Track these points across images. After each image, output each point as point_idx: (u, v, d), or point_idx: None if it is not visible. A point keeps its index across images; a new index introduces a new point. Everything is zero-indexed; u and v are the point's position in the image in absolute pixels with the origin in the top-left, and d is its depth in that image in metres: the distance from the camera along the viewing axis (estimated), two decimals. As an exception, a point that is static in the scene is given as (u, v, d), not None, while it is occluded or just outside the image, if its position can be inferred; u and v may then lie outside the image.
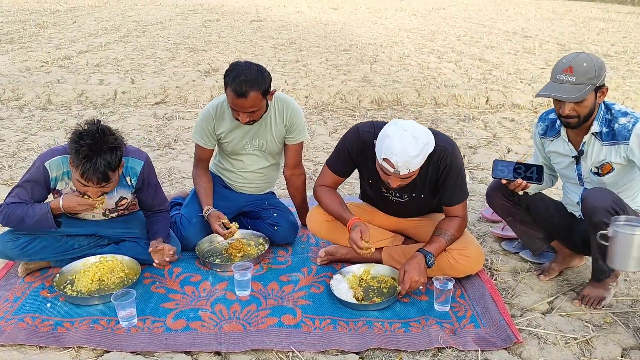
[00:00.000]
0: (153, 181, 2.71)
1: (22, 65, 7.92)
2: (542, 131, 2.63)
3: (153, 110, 5.98)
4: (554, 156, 2.63)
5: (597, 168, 2.44)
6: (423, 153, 2.32)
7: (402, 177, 2.36)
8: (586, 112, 2.35)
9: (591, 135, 2.41)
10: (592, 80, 2.27)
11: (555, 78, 2.34)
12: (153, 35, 11.41)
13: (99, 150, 2.29)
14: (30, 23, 12.88)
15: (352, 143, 2.63)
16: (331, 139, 5.08)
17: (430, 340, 2.24)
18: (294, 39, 11.21)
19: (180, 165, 4.35)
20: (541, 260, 2.91)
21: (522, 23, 14.76)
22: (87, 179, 2.31)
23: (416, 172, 2.39)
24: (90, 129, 2.32)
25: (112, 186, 2.46)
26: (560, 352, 2.21)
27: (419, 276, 2.44)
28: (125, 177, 2.61)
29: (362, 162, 2.66)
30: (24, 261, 2.68)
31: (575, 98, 2.28)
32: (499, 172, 2.51)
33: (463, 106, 6.30)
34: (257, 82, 2.64)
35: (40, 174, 2.49)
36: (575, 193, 2.61)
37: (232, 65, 2.70)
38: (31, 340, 2.23)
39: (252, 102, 2.66)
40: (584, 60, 2.28)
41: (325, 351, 2.20)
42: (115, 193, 2.64)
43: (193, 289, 2.63)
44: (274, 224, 3.03)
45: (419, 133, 2.30)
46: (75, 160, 2.29)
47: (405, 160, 2.27)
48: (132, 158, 2.61)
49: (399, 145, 2.26)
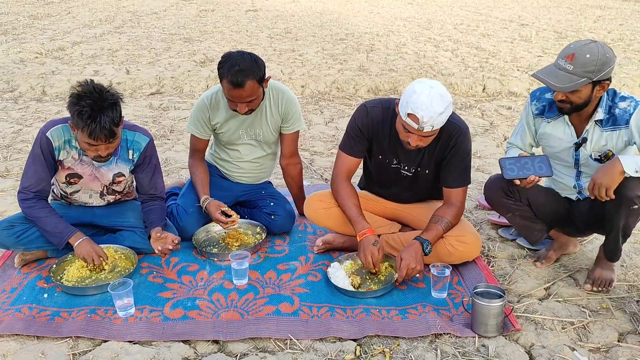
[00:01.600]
0: (154, 161, 2.73)
1: (17, 56, 7.87)
2: (538, 111, 2.57)
3: (148, 100, 5.96)
4: (547, 138, 2.57)
5: (599, 155, 2.42)
6: (447, 111, 2.33)
7: (424, 134, 2.36)
8: (579, 102, 2.32)
9: (593, 122, 2.39)
10: (589, 74, 2.22)
11: (557, 61, 2.31)
12: (148, 26, 11.34)
13: (101, 108, 2.30)
14: (24, 14, 12.78)
15: (362, 119, 2.64)
16: (328, 129, 5.06)
17: (428, 326, 2.24)
18: (290, 29, 11.15)
19: (176, 155, 4.34)
20: (538, 247, 2.91)
21: (518, 11, 14.71)
22: (95, 138, 2.33)
23: (437, 131, 2.39)
24: (87, 89, 2.33)
25: (117, 143, 2.47)
26: (557, 337, 2.22)
27: (416, 264, 2.44)
28: (129, 149, 2.63)
29: (373, 136, 2.66)
30: (20, 250, 2.67)
31: (563, 88, 2.25)
32: (509, 171, 2.43)
33: (460, 94, 6.29)
34: (253, 71, 2.62)
35: (44, 145, 2.50)
36: (568, 176, 2.59)
37: (224, 56, 2.68)
38: (28, 330, 2.23)
39: (249, 92, 2.64)
40: (590, 52, 2.21)
41: (323, 338, 2.20)
42: (114, 165, 2.64)
43: (190, 278, 2.63)
44: (271, 213, 3.03)
45: (445, 92, 2.34)
46: (80, 122, 2.30)
47: (431, 116, 2.28)
48: (138, 133, 2.65)
49: (427, 100, 2.27)
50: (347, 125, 2.72)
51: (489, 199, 2.73)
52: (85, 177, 2.64)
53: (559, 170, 2.62)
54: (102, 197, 2.77)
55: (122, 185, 2.76)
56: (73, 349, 2.15)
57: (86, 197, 2.74)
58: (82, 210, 2.80)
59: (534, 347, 2.16)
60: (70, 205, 2.79)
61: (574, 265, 2.76)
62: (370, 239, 2.56)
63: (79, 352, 2.13)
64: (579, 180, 2.56)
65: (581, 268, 2.73)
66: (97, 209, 2.82)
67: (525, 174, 2.41)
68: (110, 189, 2.74)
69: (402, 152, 2.63)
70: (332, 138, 4.77)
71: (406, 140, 2.43)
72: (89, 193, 2.73)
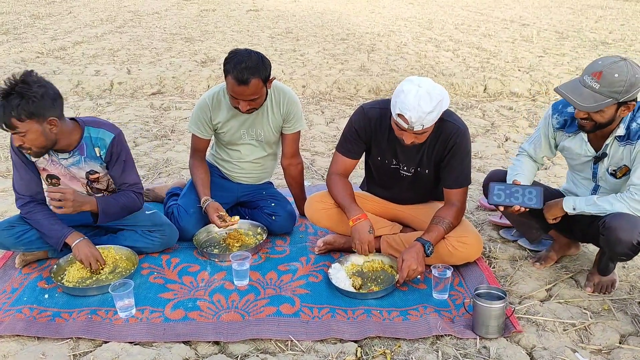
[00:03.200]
0: (123, 157, 2.64)
1: (18, 56, 7.86)
2: (559, 125, 2.51)
3: (149, 100, 5.95)
4: (567, 152, 2.53)
5: (614, 170, 2.39)
6: (437, 110, 2.32)
7: (416, 132, 2.36)
8: (603, 122, 2.25)
9: (614, 137, 2.33)
10: (616, 95, 2.14)
11: (582, 77, 2.22)
12: (149, 26, 11.33)
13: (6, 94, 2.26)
14: (25, 14, 12.78)
15: (359, 121, 2.64)
16: (329, 129, 5.06)
17: (429, 328, 2.24)
18: (291, 28, 11.14)
19: (177, 155, 4.34)
20: (539, 248, 2.91)
21: (519, 11, 14.69)
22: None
23: (430, 128, 2.39)
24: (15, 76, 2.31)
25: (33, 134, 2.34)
26: (558, 338, 2.21)
27: (417, 265, 2.43)
28: (94, 147, 2.59)
29: (371, 138, 2.67)
30: (20, 250, 2.67)
31: (587, 108, 2.18)
32: (495, 197, 2.43)
33: (461, 95, 6.29)
34: (259, 69, 2.62)
35: (15, 148, 2.50)
36: (585, 188, 2.55)
37: (231, 52, 2.68)
38: (29, 331, 2.22)
39: (253, 90, 2.64)
40: (619, 71, 2.12)
41: (324, 340, 2.20)
42: (83, 164, 2.61)
43: (191, 279, 2.63)
44: (271, 213, 3.03)
45: (434, 90, 2.31)
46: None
47: (419, 117, 2.28)
48: (102, 130, 2.59)
49: (414, 101, 2.27)
50: (345, 127, 2.72)
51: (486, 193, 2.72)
52: (62, 177, 2.63)
53: (579, 181, 2.60)
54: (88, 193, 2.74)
55: (104, 183, 2.72)
56: (74, 349, 2.15)
57: None
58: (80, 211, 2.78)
59: (535, 349, 2.15)
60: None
61: (575, 267, 2.76)
62: (364, 224, 2.56)
63: (79, 352, 2.13)
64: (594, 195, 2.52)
65: (582, 269, 2.72)
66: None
67: (511, 202, 2.40)
68: (94, 188, 2.71)
69: (401, 153, 2.63)
70: (333, 138, 4.77)
71: (401, 138, 2.44)
72: None
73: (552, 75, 6.84)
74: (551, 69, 7.26)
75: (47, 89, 2.34)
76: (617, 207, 2.28)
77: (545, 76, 6.80)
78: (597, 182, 2.49)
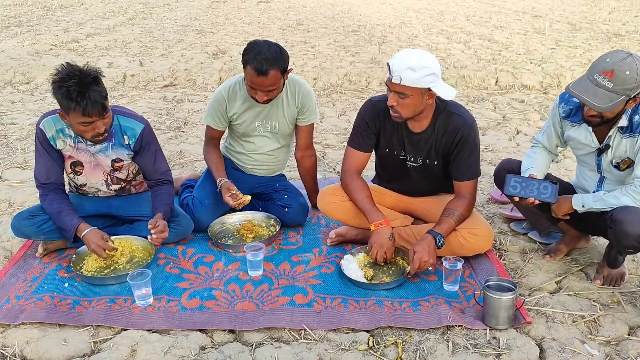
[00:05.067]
0: (154, 147, 2.75)
1: (32, 48, 7.95)
2: (565, 114, 2.53)
3: (162, 93, 6.01)
4: (573, 142, 2.56)
5: (617, 162, 2.41)
6: (421, 73, 2.34)
7: (396, 89, 2.39)
8: (611, 117, 2.28)
9: (617, 128, 2.35)
10: (628, 92, 2.17)
11: (592, 76, 2.22)
12: (160, 17, 11.39)
13: (86, 84, 2.34)
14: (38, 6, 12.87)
15: (368, 113, 2.69)
16: (340, 121, 5.09)
17: (440, 318, 2.28)
18: (302, 20, 11.15)
19: (190, 147, 4.39)
20: (549, 241, 2.93)
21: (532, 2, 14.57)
22: (89, 114, 2.37)
23: (410, 92, 2.38)
24: (67, 71, 2.38)
25: (110, 117, 2.50)
26: (567, 330, 2.24)
27: (429, 257, 2.47)
28: (123, 135, 2.65)
29: (380, 129, 2.70)
30: (41, 239, 2.74)
31: (604, 108, 2.20)
32: (511, 188, 2.46)
33: (472, 87, 6.28)
34: (278, 61, 2.66)
35: (41, 136, 2.58)
36: (591, 180, 2.57)
37: (250, 43, 2.71)
38: (50, 318, 2.29)
39: (272, 81, 2.68)
40: (629, 67, 2.14)
41: (336, 329, 2.25)
42: (110, 151, 2.67)
43: (207, 269, 2.68)
44: (284, 205, 3.07)
45: (428, 57, 2.38)
46: (70, 103, 2.34)
47: (400, 67, 2.33)
48: (132, 119, 2.67)
49: (404, 53, 2.38)
50: (355, 121, 2.76)
51: (498, 183, 2.76)
52: (86, 165, 2.70)
53: (585, 173, 2.61)
54: (108, 188, 2.81)
55: (125, 172, 2.79)
56: (94, 336, 2.21)
57: (93, 190, 2.81)
58: (98, 201, 2.85)
59: (544, 340, 2.19)
60: (85, 196, 2.85)
61: (585, 260, 2.78)
62: (386, 230, 2.59)
63: (99, 339, 2.19)
64: (600, 187, 2.54)
65: (592, 262, 2.75)
66: (113, 200, 2.87)
67: (526, 194, 2.43)
68: (114, 177, 2.78)
69: (409, 144, 2.67)
70: (344, 131, 4.80)
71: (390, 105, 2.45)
72: (95, 186, 2.79)
73: (565, 68, 6.81)
74: (563, 62, 7.23)
75: (91, 67, 2.46)
76: (624, 201, 2.31)
77: (557, 69, 6.77)
78: (602, 173, 2.51)
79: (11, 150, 4.30)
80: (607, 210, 2.36)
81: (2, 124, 4.91)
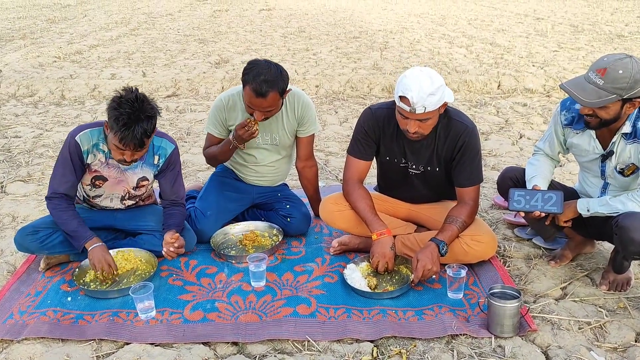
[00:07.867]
0: (177, 168, 2.80)
1: (35, 61, 8.00)
2: (567, 121, 2.52)
3: (165, 103, 6.02)
4: (576, 149, 2.54)
5: (622, 168, 2.39)
6: (439, 93, 2.36)
7: (419, 117, 2.39)
8: (608, 118, 2.26)
9: (620, 134, 2.34)
10: (620, 91, 2.16)
11: (587, 74, 2.25)
12: (163, 28, 11.45)
13: (137, 118, 2.37)
14: (42, 18, 12.97)
15: (367, 121, 2.70)
16: (342, 129, 5.09)
17: (444, 327, 2.26)
18: (304, 27, 11.18)
19: (193, 158, 4.39)
20: (554, 246, 2.91)
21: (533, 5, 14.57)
22: (125, 145, 2.41)
23: (433, 116, 2.42)
24: (129, 97, 2.40)
25: (143, 152, 2.54)
26: (573, 337, 2.22)
27: (432, 265, 2.46)
28: (154, 155, 2.70)
29: (380, 137, 2.70)
30: (44, 254, 2.74)
31: (589, 103, 2.20)
32: (515, 203, 2.44)
33: (474, 92, 6.27)
34: (277, 83, 2.65)
35: (73, 149, 2.56)
36: (595, 187, 2.56)
37: (251, 63, 2.71)
38: (53, 333, 2.29)
39: (270, 102, 2.68)
40: (623, 67, 2.15)
41: (340, 340, 2.23)
42: (139, 169, 2.71)
43: (209, 280, 2.68)
44: (287, 215, 3.07)
45: (435, 76, 2.39)
46: (115, 126, 2.38)
47: (421, 97, 2.32)
48: (165, 140, 2.73)
49: (416, 82, 2.33)
50: (354, 129, 2.76)
51: (501, 191, 2.74)
52: (110, 180, 2.71)
53: (589, 179, 2.60)
54: (122, 202, 2.82)
55: (143, 189, 2.82)
56: (97, 351, 2.21)
57: (107, 201, 2.80)
58: (103, 213, 2.86)
59: (550, 348, 2.17)
60: (92, 208, 2.86)
61: (590, 265, 2.76)
62: (387, 240, 2.59)
63: (102, 354, 2.19)
64: (603, 194, 2.52)
65: (598, 267, 2.72)
66: (118, 212, 2.87)
67: (531, 208, 2.41)
68: (133, 194, 2.80)
69: (409, 152, 2.66)
70: (346, 138, 4.79)
71: (406, 129, 2.46)
72: (110, 197, 2.79)
73: (567, 70, 6.79)
74: (566, 64, 7.21)
75: (154, 107, 2.50)
76: (630, 206, 2.29)
77: (560, 71, 6.75)
78: (606, 179, 2.49)
79: (15, 163, 4.31)
80: (613, 216, 2.34)
81: (5, 137, 4.93)
